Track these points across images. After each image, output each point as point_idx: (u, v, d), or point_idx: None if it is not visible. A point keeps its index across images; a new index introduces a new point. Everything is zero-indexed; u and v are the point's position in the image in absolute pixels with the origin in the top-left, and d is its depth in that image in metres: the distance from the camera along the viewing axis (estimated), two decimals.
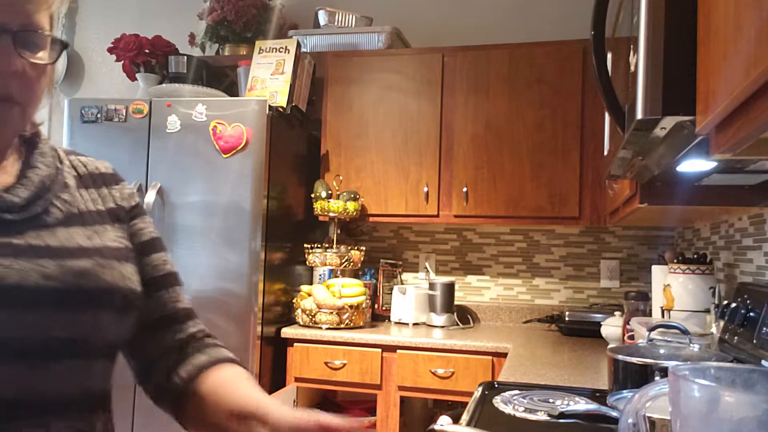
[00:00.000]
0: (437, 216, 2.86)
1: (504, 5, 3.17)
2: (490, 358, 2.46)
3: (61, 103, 2.81)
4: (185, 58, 2.97)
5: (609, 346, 1.39)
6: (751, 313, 1.44)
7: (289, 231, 2.87)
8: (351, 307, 2.70)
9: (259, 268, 2.55)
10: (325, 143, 2.99)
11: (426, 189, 2.85)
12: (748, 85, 0.58)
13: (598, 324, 2.49)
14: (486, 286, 3.15)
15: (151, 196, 2.57)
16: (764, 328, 1.36)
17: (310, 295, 2.74)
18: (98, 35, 3.65)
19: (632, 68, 0.92)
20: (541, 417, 1.28)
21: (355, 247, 2.88)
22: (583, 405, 1.32)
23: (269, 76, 2.83)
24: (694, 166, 1.17)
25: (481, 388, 1.52)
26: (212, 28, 3.21)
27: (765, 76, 0.55)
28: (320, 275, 3.00)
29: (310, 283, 3.01)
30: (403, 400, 2.65)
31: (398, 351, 2.55)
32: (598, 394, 1.49)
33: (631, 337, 1.93)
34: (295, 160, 2.93)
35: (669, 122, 0.87)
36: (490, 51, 2.82)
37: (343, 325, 2.68)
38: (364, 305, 2.76)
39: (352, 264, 2.82)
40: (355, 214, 2.84)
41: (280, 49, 2.86)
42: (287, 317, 2.83)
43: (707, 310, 1.84)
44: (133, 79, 3.20)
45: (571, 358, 2.17)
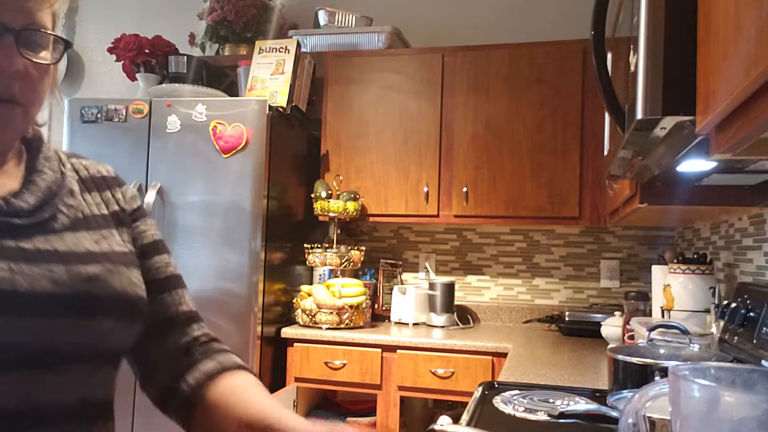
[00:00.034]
0: (437, 216, 2.86)
1: (504, 5, 3.17)
2: (490, 358, 2.46)
3: (61, 103, 2.80)
4: (185, 58, 2.97)
5: (609, 346, 1.39)
6: (751, 313, 1.44)
7: (289, 231, 2.87)
8: (351, 307, 2.70)
9: (259, 268, 2.55)
10: (325, 143, 2.99)
11: (426, 189, 2.85)
12: (748, 85, 0.58)
13: (598, 324, 2.49)
14: (486, 286, 3.15)
15: (151, 196, 2.57)
16: (764, 328, 1.36)
17: (310, 295, 2.74)
18: (98, 35, 3.65)
19: (632, 68, 0.92)
20: (541, 417, 1.28)
21: (355, 247, 2.88)
22: (583, 405, 1.32)
23: (269, 76, 2.83)
24: (694, 166, 1.17)
25: (481, 388, 1.52)
26: (212, 28, 3.21)
27: (765, 76, 0.55)
28: (320, 275, 3.00)
29: (310, 283, 3.01)
30: (403, 400, 2.65)
31: (398, 351, 2.55)
32: (598, 394, 1.49)
33: (631, 337, 1.93)
34: (295, 160, 2.93)
35: (669, 122, 0.87)
36: (490, 51, 2.82)
37: (343, 325, 2.68)
38: (364, 305, 2.76)
39: (352, 264, 2.82)
40: (355, 214, 2.84)
41: (280, 49, 2.86)
42: (287, 317, 2.83)
43: (707, 310, 1.84)
44: (133, 79, 3.20)
45: (571, 358, 2.17)
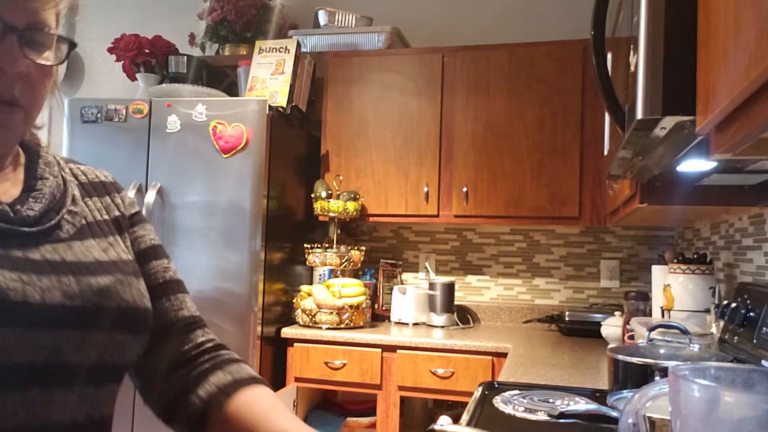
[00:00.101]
0: (437, 216, 2.86)
1: (504, 5, 3.17)
2: (490, 358, 2.46)
3: (61, 104, 2.80)
4: (185, 58, 2.97)
5: (609, 346, 1.39)
6: (751, 313, 1.44)
7: (289, 231, 2.87)
8: (351, 307, 2.70)
9: (259, 268, 2.55)
10: (325, 143, 2.99)
11: (426, 189, 2.85)
12: (748, 85, 0.58)
13: (598, 324, 2.49)
14: (486, 286, 3.15)
15: (151, 196, 2.57)
16: (764, 328, 1.36)
17: (310, 295, 2.74)
18: (98, 35, 3.65)
19: (632, 68, 0.92)
20: (541, 417, 1.28)
21: (355, 247, 2.88)
22: (583, 405, 1.32)
23: (269, 76, 2.83)
24: (694, 166, 1.17)
25: (481, 388, 1.52)
26: (212, 28, 3.21)
27: (765, 76, 0.55)
28: (320, 275, 3.00)
29: (310, 283, 3.01)
30: (403, 400, 2.65)
31: (398, 351, 2.55)
32: (598, 394, 1.49)
33: (631, 337, 1.93)
34: (295, 160, 2.93)
35: (669, 122, 0.87)
36: (490, 51, 2.82)
37: (343, 325, 2.68)
38: (364, 305, 2.76)
39: (352, 264, 2.82)
40: (355, 214, 2.84)
41: (280, 49, 2.86)
42: (287, 317, 2.83)
43: (707, 310, 1.84)
44: (133, 79, 3.20)
45: (571, 358, 2.17)
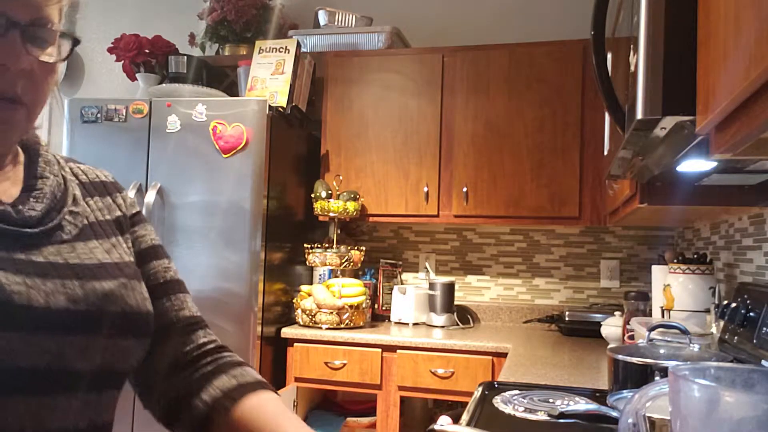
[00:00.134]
0: (437, 216, 2.86)
1: (504, 5, 3.17)
2: (490, 358, 2.46)
3: (61, 103, 2.80)
4: (185, 58, 2.97)
5: (609, 346, 1.39)
6: (751, 313, 1.44)
7: (289, 231, 2.87)
8: (351, 307, 2.70)
9: (259, 268, 2.55)
10: (325, 143, 2.99)
11: (426, 189, 2.85)
12: (748, 85, 0.58)
13: (598, 324, 2.49)
14: (486, 286, 3.15)
15: (151, 196, 2.57)
16: (764, 328, 1.36)
17: (310, 295, 2.74)
18: (98, 35, 3.65)
19: (632, 68, 0.92)
20: (541, 417, 1.28)
21: (355, 247, 2.88)
22: (583, 405, 1.32)
23: (269, 76, 2.83)
24: (694, 166, 1.17)
25: (481, 388, 1.52)
26: (212, 28, 3.21)
27: (765, 76, 0.55)
28: (320, 275, 3.00)
29: (310, 283, 3.01)
30: (403, 400, 2.65)
31: (398, 351, 2.55)
32: (598, 394, 1.49)
33: (631, 337, 1.93)
34: (295, 160, 2.93)
35: (669, 122, 0.87)
36: (490, 51, 2.82)
37: (343, 325, 2.68)
38: (364, 305, 2.76)
39: (352, 264, 2.82)
40: (355, 214, 2.84)
41: (280, 49, 2.86)
42: (287, 317, 2.83)
43: (707, 310, 1.84)
44: (133, 79, 3.20)
45: (571, 358, 2.17)
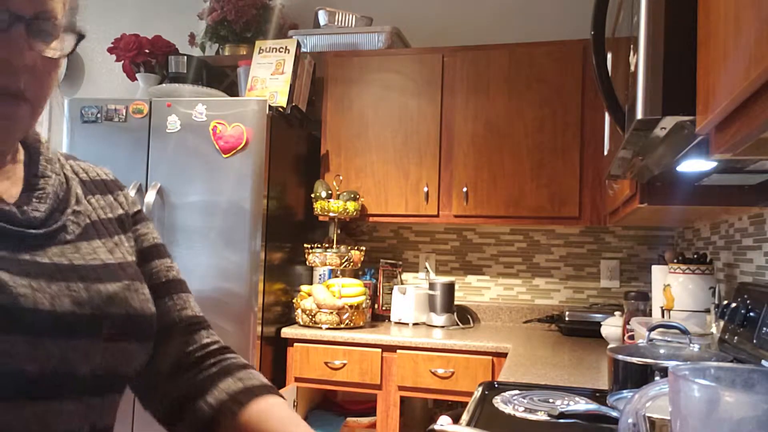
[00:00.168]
0: (437, 216, 2.86)
1: (504, 5, 3.17)
2: (490, 358, 2.46)
3: (61, 102, 2.80)
4: (185, 58, 2.97)
5: (609, 346, 1.39)
6: (751, 313, 1.44)
7: (289, 231, 2.87)
8: (351, 307, 2.70)
9: (259, 268, 2.55)
10: (325, 143, 2.99)
11: (426, 189, 2.85)
12: (748, 85, 0.58)
13: (598, 324, 2.49)
14: (486, 286, 3.15)
15: (151, 196, 2.57)
16: (764, 328, 1.36)
17: (310, 295, 2.74)
18: (98, 35, 3.64)
19: (632, 68, 0.92)
20: (541, 417, 1.28)
21: (355, 247, 2.88)
22: (583, 405, 1.32)
23: (269, 76, 2.83)
24: (694, 166, 1.17)
25: (481, 388, 1.52)
26: (212, 28, 3.21)
27: (765, 76, 0.55)
28: (320, 275, 3.00)
29: (310, 283, 3.01)
30: (403, 400, 2.65)
31: (398, 351, 2.55)
32: (598, 394, 1.49)
33: (631, 337, 1.93)
34: (295, 160, 2.93)
35: (669, 122, 0.87)
36: (490, 51, 2.82)
37: (343, 325, 2.68)
38: (364, 305, 2.76)
39: (352, 264, 2.82)
40: (355, 214, 2.84)
41: (280, 49, 2.86)
42: (287, 317, 2.82)
43: (707, 310, 1.84)
44: (133, 79, 3.20)
45: (571, 358, 2.17)
